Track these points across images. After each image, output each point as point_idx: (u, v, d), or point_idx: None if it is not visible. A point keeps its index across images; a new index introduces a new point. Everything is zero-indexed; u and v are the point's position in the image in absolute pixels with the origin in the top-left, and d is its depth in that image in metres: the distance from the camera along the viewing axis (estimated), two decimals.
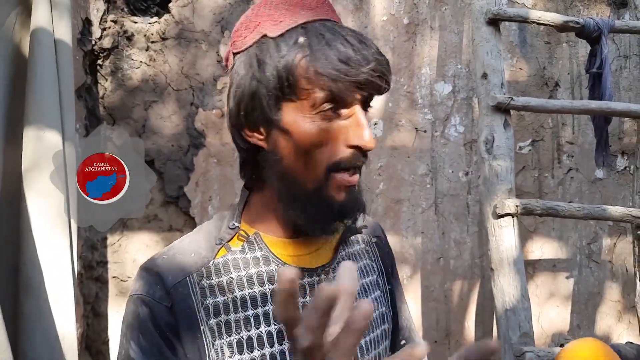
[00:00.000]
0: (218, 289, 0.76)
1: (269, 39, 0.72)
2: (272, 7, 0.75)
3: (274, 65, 0.71)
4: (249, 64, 0.74)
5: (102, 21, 2.26)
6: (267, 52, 0.72)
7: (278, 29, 0.72)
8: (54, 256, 1.58)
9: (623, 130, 2.22)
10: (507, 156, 1.80)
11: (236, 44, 0.76)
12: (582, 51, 2.21)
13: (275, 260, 0.79)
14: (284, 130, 0.73)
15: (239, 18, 2.39)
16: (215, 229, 0.81)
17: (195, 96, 2.29)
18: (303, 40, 0.70)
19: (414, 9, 2.27)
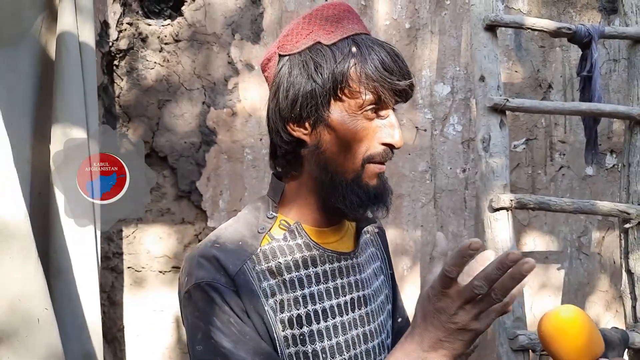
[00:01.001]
0: (269, 273, 0.85)
1: (323, 46, 0.83)
2: (323, 19, 0.86)
3: (330, 69, 0.82)
4: (304, 66, 0.83)
5: (119, 24, 2.37)
6: (323, 56, 0.83)
7: (332, 38, 0.84)
8: (81, 245, 1.70)
9: (612, 130, 2.34)
10: (502, 154, 1.92)
11: (286, 47, 0.86)
12: (574, 55, 2.33)
13: (315, 247, 0.89)
14: (330, 126, 0.84)
15: (249, 21, 2.50)
16: (254, 219, 0.89)
17: (207, 95, 2.40)
18: (355, 50, 0.83)
19: (415, 14, 2.39)
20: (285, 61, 0.85)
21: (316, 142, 0.86)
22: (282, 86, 0.84)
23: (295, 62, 0.84)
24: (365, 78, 0.82)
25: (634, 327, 1.89)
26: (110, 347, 2.35)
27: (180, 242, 2.38)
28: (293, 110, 0.84)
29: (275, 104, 0.86)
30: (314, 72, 0.82)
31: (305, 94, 0.83)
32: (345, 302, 0.89)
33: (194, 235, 2.39)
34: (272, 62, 0.87)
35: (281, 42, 0.87)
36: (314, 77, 0.82)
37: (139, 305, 2.37)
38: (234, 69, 2.40)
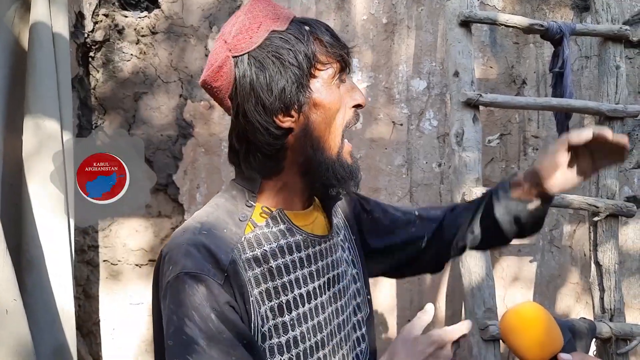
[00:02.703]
0: (254, 261, 0.84)
1: (282, 32, 0.84)
2: (261, 9, 0.86)
3: (300, 50, 0.83)
4: (274, 55, 0.83)
5: (94, 15, 2.35)
6: (288, 42, 0.83)
7: (282, 24, 0.85)
8: (53, 236, 1.69)
9: (583, 125, 2.39)
10: (475, 148, 1.95)
11: (240, 47, 0.83)
12: (548, 52, 2.37)
13: (298, 231, 0.90)
14: (315, 105, 0.86)
15: (227, 14, 2.48)
16: (233, 207, 0.88)
17: (184, 88, 2.40)
18: (309, 28, 0.86)
19: (392, 9, 2.41)
20: (246, 60, 0.83)
21: (304, 125, 0.86)
22: (259, 83, 0.83)
23: (262, 56, 0.83)
24: (330, 48, 0.86)
25: (602, 317, 1.94)
26: (85, 341, 2.34)
27: (157, 235, 2.38)
28: (281, 101, 0.83)
29: (254, 104, 0.84)
30: (288, 57, 0.83)
31: (288, 81, 0.83)
32: (323, 282, 0.92)
33: (170, 228, 2.38)
34: (226, 68, 0.83)
35: (232, 44, 0.83)
36: (291, 62, 0.83)
37: (115, 299, 2.36)
38: None
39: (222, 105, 0.89)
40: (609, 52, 2.11)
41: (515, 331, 0.86)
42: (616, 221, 1.99)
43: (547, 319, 0.87)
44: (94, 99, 2.37)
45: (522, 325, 0.86)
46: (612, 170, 2.03)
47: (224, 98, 0.87)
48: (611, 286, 1.95)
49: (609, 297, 1.95)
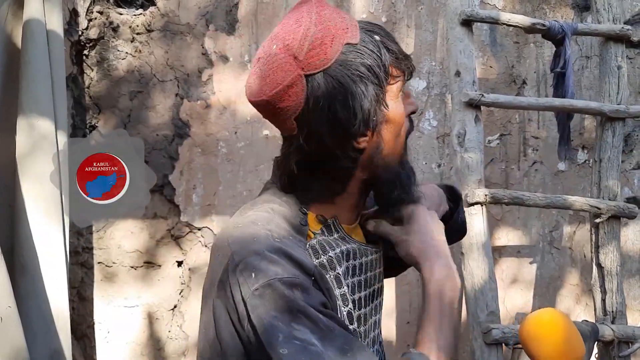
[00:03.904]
0: (322, 267, 0.83)
1: (356, 46, 0.78)
2: (329, 18, 0.78)
3: (376, 65, 0.78)
4: (351, 74, 0.76)
5: (89, 12, 2.30)
6: (362, 55, 0.78)
7: (353, 35, 0.79)
8: (48, 238, 1.65)
9: (584, 126, 2.38)
10: (477, 149, 1.93)
11: (314, 64, 0.76)
12: (548, 51, 2.35)
13: (351, 240, 0.90)
14: (387, 120, 0.83)
15: (224, 12, 2.44)
16: (290, 212, 0.85)
17: (180, 87, 2.36)
18: (379, 38, 0.81)
19: (392, 7, 2.38)
20: (322, 78, 0.76)
21: (376, 143, 0.83)
22: (338, 104, 0.77)
23: (341, 73, 0.76)
24: (397, 61, 0.82)
25: (604, 320, 1.92)
26: (79, 344, 2.30)
27: (153, 237, 2.34)
28: (363, 122, 0.78)
29: (332, 126, 0.78)
30: (368, 73, 0.77)
31: (370, 100, 0.78)
32: (369, 293, 0.92)
33: (166, 230, 2.34)
34: (297, 88, 0.76)
35: (305, 61, 0.76)
36: (371, 78, 0.78)
37: (110, 301, 2.32)
38: (208, 60, 2.36)
39: (281, 126, 0.82)
40: (610, 52, 2.10)
41: (536, 339, 0.84)
42: (618, 223, 1.98)
43: (568, 327, 0.85)
44: (88, 98, 2.33)
45: (543, 333, 0.84)
46: (614, 172, 2.01)
47: (288, 120, 0.80)
48: (613, 288, 1.94)
49: (610, 300, 1.93)
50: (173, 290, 2.34)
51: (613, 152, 2.02)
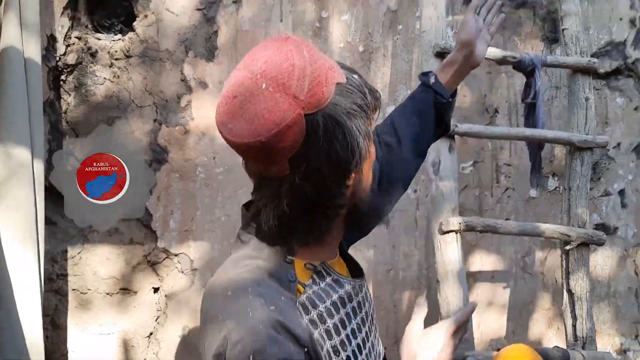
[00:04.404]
0: (311, 324, 0.80)
1: (343, 85, 0.78)
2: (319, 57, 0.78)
3: (363, 103, 0.79)
4: (347, 112, 0.77)
5: (67, 37, 2.30)
6: (352, 93, 0.78)
7: (340, 74, 0.79)
8: (23, 266, 1.63)
9: (554, 154, 2.45)
10: (451, 177, 1.98)
11: (314, 103, 0.75)
12: (519, 81, 2.42)
13: (344, 280, 0.88)
14: (370, 155, 0.83)
15: (203, 39, 2.46)
16: (276, 266, 0.82)
17: (159, 113, 2.36)
18: (357, 77, 0.81)
19: (369, 37, 2.43)
20: (320, 118, 0.76)
21: (359, 178, 0.83)
22: (337, 143, 0.77)
23: (337, 112, 0.76)
24: (375, 96, 0.83)
25: (574, 345, 1.97)
26: None
27: (129, 263, 2.32)
28: (359, 158, 0.79)
29: (329, 164, 0.78)
30: (358, 111, 0.78)
31: (363, 136, 0.78)
32: (369, 325, 0.91)
33: (142, 256, 2.33)
34: (296, 127, 0.75)
35: (305, 101, 0.75)
36: (361, 115, 0.79)
37: (84, 329, 2.29)
38: (187, 86, 2.37)
39: (272, 167, 0.78)
40: (578, 84, 2.18)
41: None
42: (587, 249, 2.04)
43: None
44: (65, 123, 2.32)
45: None
46: (583, 199, 2.08)
47: (282, 160, 0.77)
48: (583, 314, 1.99)
49: (581, 325, 1.98)
50: (149, 317, 2.32)
51: (582, 180, 2.09)
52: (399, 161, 1.11)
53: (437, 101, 1.15)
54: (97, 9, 2.41)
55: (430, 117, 1.16)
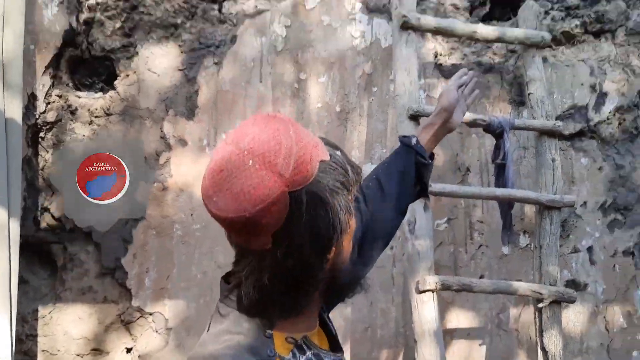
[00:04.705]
0: None
1: (326, 162, 0.81)
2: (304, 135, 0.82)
3: (345, 180, 0.82)
4: (330, 189, 0.79)
5: (47, 95, 2.32)
6: (335, 170, 0.81)
7: (323, 152, 0.82)
8: None
9: (524, 212, 2.53)
10: (427, 236, 2.02)
11: (298, 181, 0.77)
12: (489, 141, 2.52)
13: (324, 353, 0.88)
14: (350, 228, 0.85)
15: (184, 98, 2.50)
16: (252, 341, 0.82)
17: (137, 170, 2.37)
18: (340, 153, 0.85)
19: (345, 98, 2.52)
20: (304, 195, 0.78)
21: (339, 251, 0.84)
22: (319, 219, 0.79)
23: (320, 189, 0.79)
24: (357, 170, 0.86)
25: None
26: None
27: (102, 322, 2.27)
28: (340, 234, 0.81)
29: (312, 240, 0.79)
30: (341, 188, 0.81)
31: (344, 212, 0.81)
32: None
33: (116, 315, 2.28)
34: (280, 204, 0.77)
35: (290, 179, 0.77)
36: (343, 192, 0.81)
37: None
38: (166, 144, 2.40)
39: (254, 241, 0.81)
40: (545, 145, 2.28)
41: None
42: (559, 307, 2.09)
43: None
44: (41, 180, 2.31)
45: None
46: (553, 257, 2.15)
47: (265, 235, 0.79)
48: None
49: None
50: None
51: (551, 239, 2.16)
52: (383, 217, 1.14)
53: (418, 162, 1.20)
54: (78, 67, 2.45)
55: (411, 176, 1.21)
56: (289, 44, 2.49)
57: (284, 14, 2.49)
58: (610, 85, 2.56)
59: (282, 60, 2.48)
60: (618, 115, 2.54)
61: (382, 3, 2.53)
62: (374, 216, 1.12)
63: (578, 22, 2.59)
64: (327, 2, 2.51)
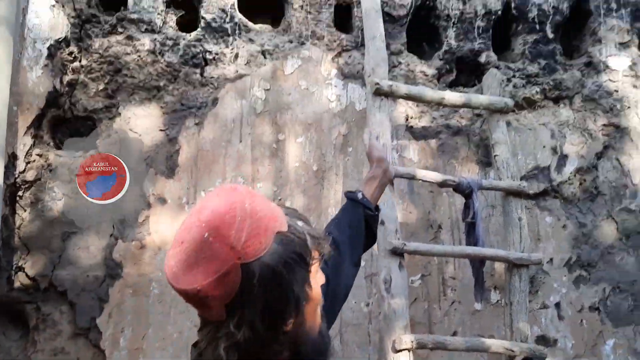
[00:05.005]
0: None
1: (284, 234, 0.83)
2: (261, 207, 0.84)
3: (303, 251, 0.84)
4: (283, 261, 0.81)
5: (28, 155, 2.35)
6: (292, 242, 0.83)
7: (282, 223, 0.84)
8: None
9: (494, 268, 2.62)
10: (402, 295, 2.08)
11: (250, 253, 0.79)
12: (459, 200, 2.63)
13: None
14: (309, 298, 0.86)
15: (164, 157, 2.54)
16: None
17: (116, 228, 2.39)
18: (301, 224, 0.88)
19: (322, 157, 2.62)
20: (257, 267, 0.79)
21: (300, 322, 0.86)
22: (271, 291, 0.80)
23: (274, 261, 0.81)
24: (319, 241, 0.88)
25: None
26: None
27: None
28: (294, 306, 0.83)
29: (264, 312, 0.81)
30: (297, 259, 0.83)
31: (300, 284, 0.83)
32: None
33: None
34: (232, 275, 0.79)
35: (242, 251, 0.79)
36: (299, 264, 0.83)
37: None
38: (146, 202, 2.43)
39: (209, 312, 0.83)
40: (511, 205, 2.40)
41: None
42: None
43: None
44: (17, 239, 2.30)
45: None
46: (523, 314, 2.22)
47: (218, 306, 0.80)
48: None
49: None
50: None
51: (521, 296, 2.24)
52: (341, 272, 1.17)
53: (367, 214, 1.26)
54: (60, 127, 2.49)
55: (362, 229, 1.26)
56: (268, 106, 2.59)
57: (264, 78, 2.60)
58: (570, 148, 2.73)
59: (262, 121, 2.58)
60: (579, 176, 2.70)
61: (356, 70, 2.68)
62: (333, 273, 1.14)
63: (538, 89, 2.78)
64: (305, 68, 2.64)
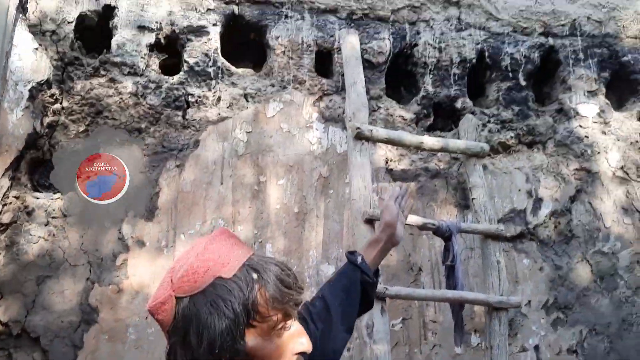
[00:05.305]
0: None
1: (226, 280, 0.85)
2: (213, 252, 0.87)
3: (240, 301, 0.84)
4: (212, 305, 0.83)
5: (4, 197, 2.30)
6: (229, 291, 0.84)
7: (230, 270, 0.86)
8: None
9: (474, 311, 2.64)
10: (384, 340, 2.07)
11: (183, 289, 0.85)
12: (439, 242, 2.66)
13: None
14: (247, 355, 0.85)
15: (144, 199, 2.53)
16: None
17: (93, 272, 2.34)
18: (256, 276, 0.87)
19: (303, 200, 2.63)
20: (186, 303, 0.84)
21: None
22: (192, 330, 0.84)
23: (201, 302, 0.84)
24: (272, 301, 0.86)
25: None
26: None
27: None
28: (211, 352, 0.83)
29: (185, 347, 0.84)
30: (225, 308, 0.83)
31: (221, 333, 0.83)
32: None
33: None
34: (168, 305, 0.85)
35: (177, 285, 0.86)
36: (226, 314, 0.83)
37: None
38: (124, 245, 2.40)
39: (164, 332, 0.89)
40: (490, 248, 2.44)
41: None
42: None
43: None
44: None
45: None
46: (504, 357, 2.23)
47: (164, 330, 0.87)
48: None
49: None
50: None
51: (501, 339, 2.26)
52: (332, 337, 1.15)
53: (364, 280, 1.23)
54: (38, 168, 2.46)
55: (357, 294, 1.23)
56: (249, 149, 2.61)
57: (246, 121, 2.63)
58: (544, 192, 2.80)
59: (243, 163, 2.59)
60: (553, 219, 2.76)
61: (337, 113, 2.73)
62: (322, 335, 1.13)
63: (512, 134, 2.86)
64: (286, 111, 2.68)
